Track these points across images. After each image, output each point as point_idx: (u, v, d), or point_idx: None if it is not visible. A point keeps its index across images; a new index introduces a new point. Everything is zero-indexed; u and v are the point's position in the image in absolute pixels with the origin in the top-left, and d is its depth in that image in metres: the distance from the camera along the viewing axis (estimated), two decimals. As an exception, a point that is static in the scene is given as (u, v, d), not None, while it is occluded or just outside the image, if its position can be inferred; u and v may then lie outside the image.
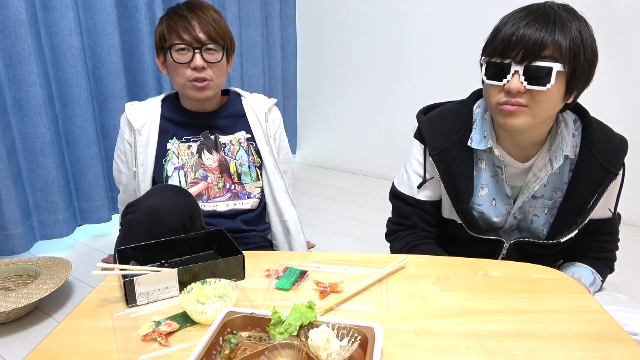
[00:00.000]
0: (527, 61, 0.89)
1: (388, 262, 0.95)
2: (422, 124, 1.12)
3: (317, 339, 0.65)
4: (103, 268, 0.84)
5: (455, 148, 1.07)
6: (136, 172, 1.32)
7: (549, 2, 0.94)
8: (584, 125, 1.04)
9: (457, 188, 1.08)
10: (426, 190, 1.14)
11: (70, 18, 1.91)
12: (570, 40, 0.88)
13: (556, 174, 1.06)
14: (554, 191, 1.08)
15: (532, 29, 0.88)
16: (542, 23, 0.88)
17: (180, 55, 1.23)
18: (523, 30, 0.89)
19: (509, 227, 1.13)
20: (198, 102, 1.32)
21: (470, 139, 1.07)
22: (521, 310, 0.82)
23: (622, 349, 0.72)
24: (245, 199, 1.36)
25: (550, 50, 0.89)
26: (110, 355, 0.70)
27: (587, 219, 1.04)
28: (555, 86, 0.90)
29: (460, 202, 1.08)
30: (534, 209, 1.10)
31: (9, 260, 1.79)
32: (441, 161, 1.07)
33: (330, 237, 2.29)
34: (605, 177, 1.01)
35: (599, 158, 1.01)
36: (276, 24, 3.01)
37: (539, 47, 0.88)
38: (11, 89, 1.84)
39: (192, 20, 1.22)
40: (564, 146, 1.01)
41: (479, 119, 1.08)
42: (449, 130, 1.08)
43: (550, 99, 0.92)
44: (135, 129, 1.30)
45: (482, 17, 2.53)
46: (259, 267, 0.95)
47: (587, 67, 0.91)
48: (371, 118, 3.13)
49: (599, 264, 1.11)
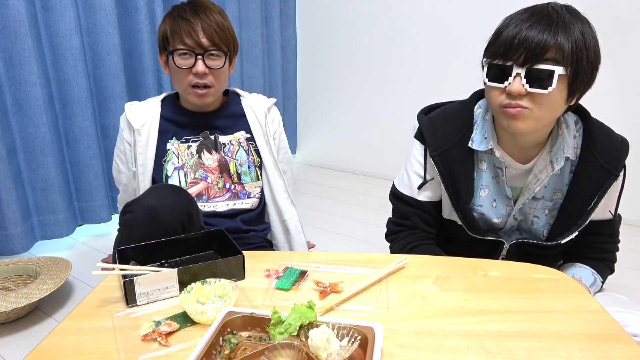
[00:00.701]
0: (529, 64, 0.89)
1: (388, 262, 0.95)
2: (422, 124, 1.11)
3: (317, 339, 0.65)
4: (103, 268, 0.84)
5: (456, 149, 1.07)
6: (136, 172, 1.31)
7: (552, 4, 0.93)
8: (585, 126, 1.04)
9: (458, 189, 1.07)
10: (426, 191, 1.14)
11: (70, 18, 1.91)
12: (572, 43, 0.87)
13: (557, 175, 1.06)
14: (555, 192, 1.08)
15: (535, 31, 0.88)
16: (545, 25, 0.88)
17: (183, 60, 1.23)
18: (525, 32, 0.88)
19: (509, 228, 1.13)
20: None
21: (471, 140, 1.06)
22: (521, 310, 0.82)
23: (622, 349, 0.72)
24: (245, 199, 1.36)
25: (552, 53, 0.88)
26: (110, 355, 0.70)
27: (587, 220, 1.04)
28: (557, 89, 0.90)
29: (460, 203, 1.08)
30: (534, 210, 1.10)
31: (9, 260, 1.79)
32: (442, 162, 1.07)
33: (330, 237, 2.29)
34: (606, 178, 1.01)
35: (600, 159, 1.00)
36: (276, 24, 3.01)
37: (541, 49, 0.87)
38: (11, 89, 1.84)
39: (195, 24, 1.21)
40: (565, 147, 1.01)
41: (480, 119, 1.07)
42: (449, 131, 1.08)
43: (552, 101, 0.92)
44: (135, 129, 1.30)
45: (483, 17, 2.53)
46: (259, 267, 0.95)
47: (589, 69, 0.91)
48: (371, 118, 3.13)
49: (599, 265, 1.11)
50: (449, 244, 1.20)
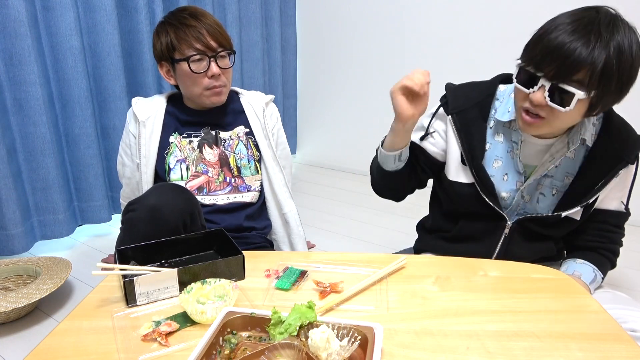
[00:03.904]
0: (556, 80, 0.90)
1: (388, 262, 0.95)
2: (448, 87, 1.17)
3: (317, 339, 0.65)
4: (103, 268, 0.84)
5: (474, 110, 1.11)
6: (139, 164, 1.34)
7: (601, 11, 0.90)
8: (605, 116, 1.07)
9: (473, 146, 1.11)
10: (426, 142, 1.18)
11: (70, 18, 1.91)
12: (605, 65, 0.86)
13: (570, 158, 1.08)
14: (566, 175, 1.09)
15: (574, 46, 0.86)
16: (586, 42, 0.86)
17: (196, 65, 1.27)
18: (566, 47, 0.87)
19: (515, 206, 1.14)
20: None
21: (494, 109, 1.11)
22: (521, 310, 0.82)
23: (622, 349, 0.72)
24: (245, 192, 1.38)
25: (581, 75, 0.87)
26: (110, 355, 0.70)
27: (592, 199, 1.06)
28: (574, 109, 0.91)
29: (475, 159, 1.10)
30: (542, 187, 1.11)
31: (9, 260, 1.79)
32: (459, 119, 1.12)
33: (330, 237, 2.29)
34: (618, 163, 1.04)
35: (615, 145, 1.04)
36: (276, 24, 3.01)
37: (573, 69, 0.87)
38: (11, 89, 1.84)
39: (200, 29, 1.26)
40: (582, 130, 1.04)
41: (506, 95, 1.10)
42: (470, 95, 1.13)
43: (568, 117, 0.94)
44: (140, 120, 1.34)
45: (484, 18, 2.53)
46: (259, 267, 0.95)
47: (617, 90, 0.90)
48: (371, 118, 3.13)
49: (601, 259, 1.12)
50: (451, 223, 1.21)
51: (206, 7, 2.46)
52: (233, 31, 2.66)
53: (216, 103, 1.34)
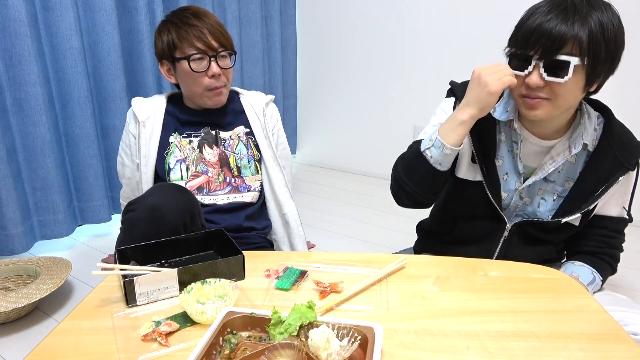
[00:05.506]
0: (547, 55, 0.92)
1: (388, 262, 0.95)
2: (455, 83, 1.16)
3: (317, 339, 0.65)
4: (103, 268, 0.84)
5: None
6: (139, 164, 1.34)
7: None
8: (606, 121, 1.07)
9: (484, 143, 1.10)
10: None
11: (70, 18, 1.91)
12: (590, 35, 0.89)
13: (571, 163, 1.08)
14: (567, 180, 1.09)
15: (553, 24, 0.90)
16: (563, 19, 0.90)
17: (196, 64, 1.27)
18: (544, 25, 0.91)
19: (514, 207, 1.14)
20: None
21: (494, 108, 1.10)
22: (521, 310, 0.82)
23: (622, 349, 0.72)
24: (245, 192, 1.38)
25: (569, 46, 0.90)
26: (110, 355, 0.70)
27: (592, 205, 1.06)
28: (573, 79, 0.92)
29: (486, 156, 1.10)
30: (543, 192, 1.11)
31: (9, 260, 1.79)
32: None
33: (330, 237, 2.29)
34: (618, 169, 1.04)
35: (615, 151, 1.04)
36: (276, 24, 3.01)
37: (558, 43, 0.90)
38: (11, 89, 1.84)
39: (202, 28, 1.26)
40: (584, 134, 1.04)
41: (506, 93, 1.10)
42: None
43: (569, 91, 0.95)
44: (140, 120, 1.34)
45: (484, 18, 2.53)
46: (259, 267, 0.95)
47: (608, 59, 0.93)
48: (371, 118, 3.13)
49: (600, 263, 1.12)
50: (451, 224, 1.21)
51: (206, 6, 2.47)
52: (233, 31, 2.66)
53: (217, 104, 1.34)
